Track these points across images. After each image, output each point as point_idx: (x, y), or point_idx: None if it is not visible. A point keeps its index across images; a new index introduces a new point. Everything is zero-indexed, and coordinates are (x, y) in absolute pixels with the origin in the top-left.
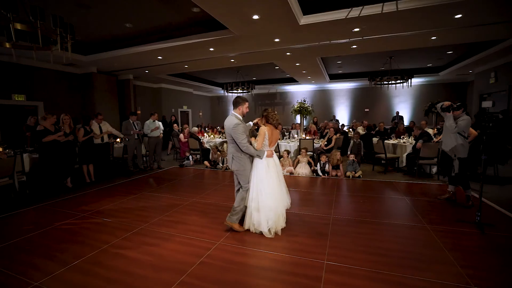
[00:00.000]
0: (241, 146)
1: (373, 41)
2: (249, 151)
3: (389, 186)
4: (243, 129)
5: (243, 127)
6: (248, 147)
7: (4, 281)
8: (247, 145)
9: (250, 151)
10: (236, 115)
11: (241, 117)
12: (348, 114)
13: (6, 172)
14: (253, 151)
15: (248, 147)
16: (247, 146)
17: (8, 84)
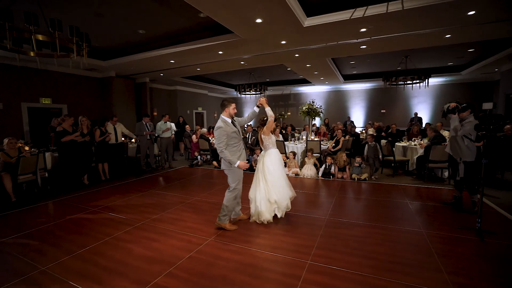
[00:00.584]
0: (217, 149)
1: (383, 41)
2: (223, 155)
3: (394, 189)
4: (225, 133)
5: (225, 131)
6: (222, 152)
7: (16, 265)
8: (222, 150)
9: (224, 155)
10: (224, 118)
11: (229, 119)
12: (364, 115)
13: (30, 169)
14: (226, 156)
15: (222, 152)
16: (222, 151)
17: (37, 88)
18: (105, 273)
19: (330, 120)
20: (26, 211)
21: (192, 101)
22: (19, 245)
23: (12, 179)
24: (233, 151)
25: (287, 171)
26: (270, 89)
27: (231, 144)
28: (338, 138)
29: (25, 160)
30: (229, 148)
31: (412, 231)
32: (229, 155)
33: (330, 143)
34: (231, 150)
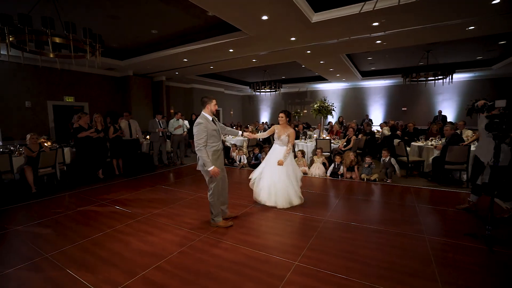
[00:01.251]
0: (195, 145)
1: (399, 35)
2: (200, 154)
3: (405, 191)
4: (205, 129)
5: (205, 127)
6: (201, 149)
7: (24, 250)
8: (200, 147)
9: (201, 153)
10: (205, 114)
11: (210, 116)
12: (383, 113)
13: (49, 162)
14: (203, 156)
15: (201, 150)
16: (200, 148)
17: (61, 87)
18: (100, 263)
19: (348, 118)
20: (44, 201)
21: None
22: (31, 233)
23: (33, 172)
24: (211, 151)
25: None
26: (286, 87)
27: (210, 143)
28: (350, 136)
29: (45, 154)
30: (208, 148)
31: (413, 236)
32: (206, 155)
33: (341, 142)
34: (209, 150)
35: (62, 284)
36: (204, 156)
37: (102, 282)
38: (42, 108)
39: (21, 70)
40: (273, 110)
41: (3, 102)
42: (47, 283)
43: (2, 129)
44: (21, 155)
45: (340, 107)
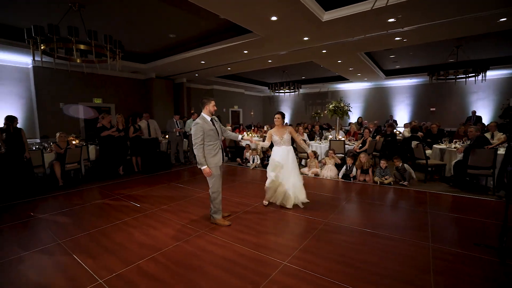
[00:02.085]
0: (193, 144)
1: (420, 31)
2: (196, 152)
3: (419, 196)
4: (201, 129)
5: (202, 127)
6: (197, 148)
7: (42, 236)
8: (197, 147)
9: (197, 152)
10: (203, 115)
11: (208, 117)
12: (409, 114)
13: (75, 158)
14: (199, 154)
15: (197, 149)
16: (196, 147)
17: (90, 90)
18: (102, 251)
19: (370, 119)
20: (68, 194)
21: (229, 100)
22: (51, 221)
23: (61, 167)
24: (208, 149)
25: (307, 170)
26: (306, 87)
27: (207, 142)
28: (365, 138)
29: (71, 151)
30: (205, 147)
31: (416, 243)
32: (201, 154)
33: (357, 143)
34: (206, 149)
35: (67, 268)
36: (200, 155)
37: (101, 268)
38: (74, 109)
39: (55, 75)
40: (293, 111)
41: (41, 104)
42: (54, 266)
43: (40, 128)
44: (52, 151)
45: (362, 108)
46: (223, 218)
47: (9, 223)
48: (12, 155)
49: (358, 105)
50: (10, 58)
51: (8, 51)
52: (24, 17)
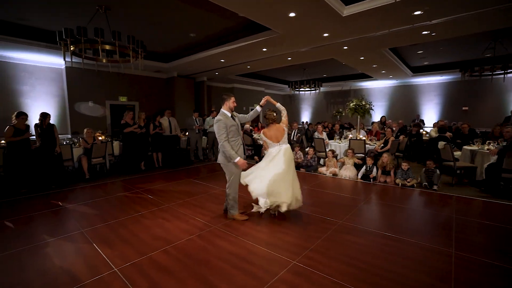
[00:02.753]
0: (218, 141)
1: (451, 23)
2: (224, 148)
3: (445, 200)
4: (223, 126)
5: (224, 123)
6: (223, 144)
7: (67, 225)
8: (223, 143)
9: (225, 148)
10: (224, 111)
11: (228, 113)
12: (438, 114)
13: (100, 153)
14: (227, 149)
15: (223, 145)
16: (223, 144)
17: (116, 88)
18: (119, 241)
19: (396, 118)
20: (93, 186)
21: (249, 98)
22: (77, 211)
23: (87, 161)
24: (232, 143)
25: (324, 170)
26: (327, 85)
27: (230, 138)
28: (387, 138)
29: (97, 146)
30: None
31: (437, 250)
32: (230, 149)
33: (378, 143)
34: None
35: (86, 255)
36: (228, 150)
37: (116, 257)
38: (102, 106)
39: (84, 74)
40: (314, 109)
41: (72, 102)
42: (75, 253)
43: (71, 125)
44: (80, 146)
45: (386, 107)
46: (240, 213)
47: (40, 211)
48: (45, 149)
49: (382, 104)
50: (46, 59)
51: (45, 53)
52: (57, 21)
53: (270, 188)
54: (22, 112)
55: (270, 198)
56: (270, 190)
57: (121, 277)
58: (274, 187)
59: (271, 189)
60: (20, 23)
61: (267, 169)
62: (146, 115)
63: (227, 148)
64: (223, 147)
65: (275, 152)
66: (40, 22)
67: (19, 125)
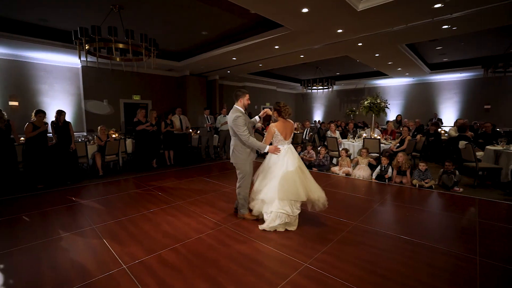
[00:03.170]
0: (242, 138)
1: (473, 17)
2: (250, 143)
3: (466, 203)
4: (244, 121)
5: (244, 119)
6: (249, 138)
7: (80, 220)
8: (248, 136)
9: (251, 142)
10: (238, 108)
11: (242, 109)
12: (458, 112)
13: (113, 151)
14: (254, 143)
15: (249, 139)
16: (248, 137)
17: (130, 87)
18: (129, 238)
19: (412, 117)
20: (106, 183)
21: (261, 97)
22: (89, 207)
23: (101, 158)
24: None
25: (337, 169)
26: (341, 83)
27: None
28: (404, 137)
29: (110, 143)
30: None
31: (460, 256)
32: (256, 141)
33: (394, 142)
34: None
35: (96, 251)
36: (255, 143)
37: (125, 254)
38: (116, 105)
39: (100, 73)
40: (327, 108)
41: (88, 100)
42: (87, 248)
43: (86, 122)
44: (94, 143)
45: (402, 105)
46: (250, 213)
47: (55, 206)
48: (60, 146)
49: (398, 102)
50: (63, 59)
51: (62, 53)
52: (73, 21)
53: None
54: (40, 110)
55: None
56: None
57: (129, 275)
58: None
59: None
60: (40, 24)
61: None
62: (158, 114)
63: (253, 142)
64: (249, 142)
65: (284, 151)
66: (58, 23)
67: (38, 122)
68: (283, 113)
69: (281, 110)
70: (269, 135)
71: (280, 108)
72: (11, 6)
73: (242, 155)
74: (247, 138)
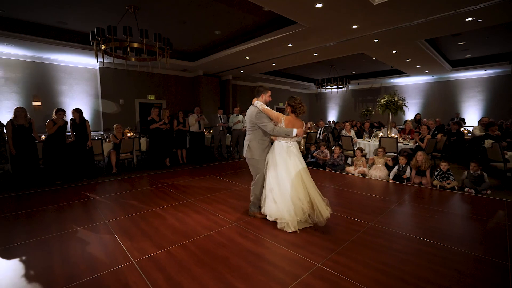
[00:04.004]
0: (268, 130)
1: (500, 8)
2: (277, 131)
3: (494, 206)
4: (265, 115)
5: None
6: (274, 128)
7: (94, 215)
8: (274, 130)
9: (278, 130)
10: (261, 103)
11: (264, 105)
12: (482, 111)
13: (128, 149)
14: (281, 130)
15: (274, 128)
16: (273, 128)
17: (145, 87)
18: (140, 233)
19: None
20: (119, 180)
21: (274, 97)
22: (103, 203)
23: (116, 156)
24: (262, 141)
25: (352, 169)
26: (356, 83)
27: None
28: (423, 135)
29: (125, 142)
30: (259, 138)
31: (488, 261)
32: (283, 128)
33: (412, 141)
34: (260, 140)
35: (107, 246)
36: (282, 130)
37: (135, 249)
38: (131, 105)
39: (116, 74)
40: (341, 108)
41: (105, 100)
42: (98, 243)
43: (104, 122)
44: (110, 142)
45: (422, 104)
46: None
47: (70, 202)
48: (78, 143)
49: (416, 102)
50: (82, 60)
51: (81, 54)
52: (90, 23)
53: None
54: (60, 109)
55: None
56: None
57: (138, 270)
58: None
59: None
60: (60, 26)
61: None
62: (170, 113)
63: (279, 129)
64: (276, 131)
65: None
66: (76, 25)
67: (57, 120)
68: (298, 110)
69: (296, 107)
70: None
71: (295, 105)
72: (33, 10)
73: (257, 150)
74: (272, 129)
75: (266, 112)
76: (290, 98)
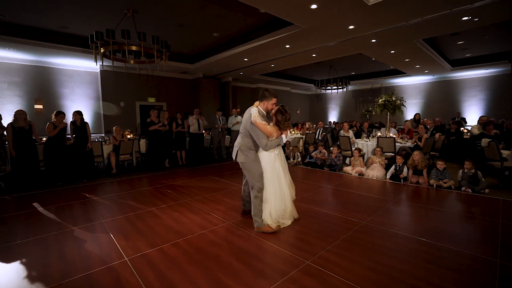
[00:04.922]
0: (261, 146)
1: (497, 6)
2: (270, 146)
3: (489, 204)
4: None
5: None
6: (267, 144)
7: (91, 216)
8: (266, 143)
9: (271, 145)
10: (260, 109)
11: (264, 112)
12: (482, 110)
13: (127, 150)
14: (274, 143)
15: (267, 144)
16: (266, 143)
17: (146, 90)
18: (135, 232)
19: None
20: (119, 181)
21: None
22: (101, 203)
23: (116, 157)
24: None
25: (350, 169)
26: (356, 83)
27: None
28: (421, 135)
29: (124, 143)
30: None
31: (478, 258)
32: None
33: (411, 141)
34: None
35: (102, 244)
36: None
37: (129, 247)
38: (132, 107)
39: (117, 77)
40: (342, 108)
41: (106, 102)
42: (93, 241)
43: (104, 124)
44: (110, 143)
45: (422, 104)
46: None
47: (70, 202)
48: (78, 145)
49: (417, 101)
50: (83, 64)
51: (82, 58)
52: (90, 27)
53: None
54: (60, 111)
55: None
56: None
57: (130, 267)
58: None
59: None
60: (61, 31)
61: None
62: (170, 115)
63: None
64: (269, 147)
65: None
66: (77, 29)
67: (58, 122)
68: (282, 126)
69: (281, 123)
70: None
71: (281, 120)
72: (34, 15)
73: (250, 154)
74: (265, 144)
75: (258, 126)
76: (280, 111)
